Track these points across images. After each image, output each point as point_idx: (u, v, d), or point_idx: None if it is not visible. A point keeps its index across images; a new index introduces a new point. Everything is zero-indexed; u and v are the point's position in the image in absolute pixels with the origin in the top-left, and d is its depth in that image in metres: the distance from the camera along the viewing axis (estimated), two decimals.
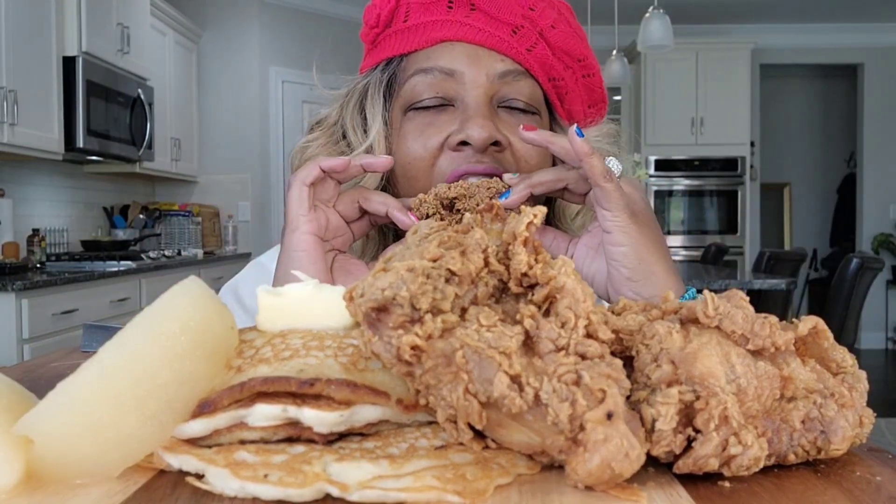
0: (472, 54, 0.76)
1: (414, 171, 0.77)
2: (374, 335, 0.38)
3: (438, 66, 0.76)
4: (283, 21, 5.34)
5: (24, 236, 3.57)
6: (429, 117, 0.77)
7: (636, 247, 0.64)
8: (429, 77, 0.76)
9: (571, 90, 0.82)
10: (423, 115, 0.77)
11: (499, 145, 0.75)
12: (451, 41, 0.77)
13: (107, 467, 0.38)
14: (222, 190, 5.26)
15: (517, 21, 0.76)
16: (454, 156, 0.75)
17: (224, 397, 0.40)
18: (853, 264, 3.21)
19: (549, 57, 0.78)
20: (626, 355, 0.43)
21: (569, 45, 0.79)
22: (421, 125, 0.77)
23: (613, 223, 0.64)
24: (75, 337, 2.95)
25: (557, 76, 0.79)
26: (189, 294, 0.42)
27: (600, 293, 0.68)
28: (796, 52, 6.59)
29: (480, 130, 0.72)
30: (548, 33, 0.78)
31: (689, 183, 6.29)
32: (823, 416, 0.41)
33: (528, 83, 0.78)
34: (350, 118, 0.82)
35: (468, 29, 0.76)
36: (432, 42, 0.77)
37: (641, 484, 0.38)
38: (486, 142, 0.73)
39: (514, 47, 0.76)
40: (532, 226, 0.45)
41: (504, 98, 0.77)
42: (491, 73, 0.76)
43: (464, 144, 0.74)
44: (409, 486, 0.35)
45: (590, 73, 0.82)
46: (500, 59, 0.76)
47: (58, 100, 3.42)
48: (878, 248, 6.52)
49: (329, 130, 0.84)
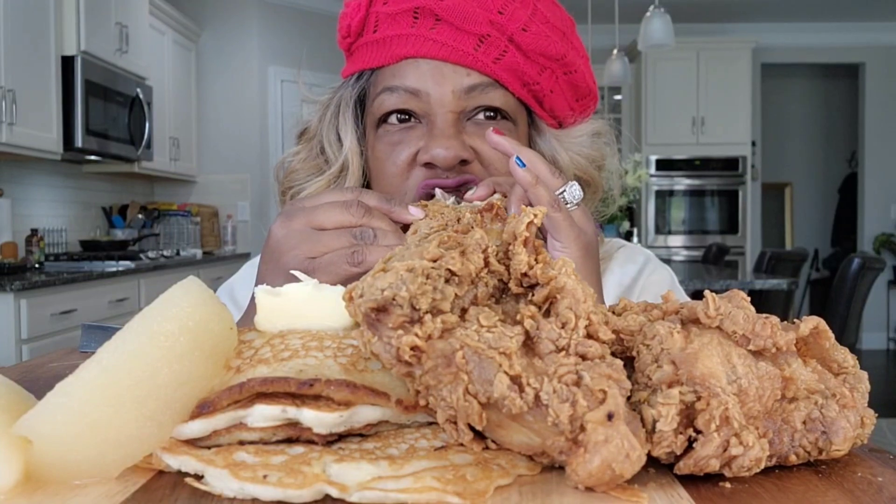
0: (436, 72, 0.75)
1: (387, 186, 0.78)
2: (373, 335, 0.38)
3: (403, 86, 0.76)
4: (283, 20, 5.33)
5: (22, 236, 3.57)
6: (397, 135, 0.77)
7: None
8: (394, 96, 0.76)
9: (552, 91, 0.79)
10: (392, 133, 0.77)
11: (466, 162, 0.74)
12: (415, 58, 0.75)
13: (106, 468, 0.38)
14: (221, 190, 5.26)
15: (483, 30, 0.74)
16: (423, 172, 0.75)
17: (223, 398, 0.40)
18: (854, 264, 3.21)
19: (520, 62, 0.76)
20: (626, 356, 0.43)
21: (543, 46, 0.76)
22: (390, 143, 0.77)
23: (563, 254, 0.64)
24: (74, 337, 2.95)
25: (532, 80, 0.77)
26: (188, 294, 0.42)
27: None
28: (797, 52, 6.59)
29: (445, 152, 0.72)
30: (519, 37, 0.75)
31: (689, 183, 6.29)
32: (825, 416, 0.41)
33: (497, 94, 0.76)
34: (326, 133, 0.83)
35: (431, 44, 0.75)
36: (397, 58, 0.76)
37: (642, 485, 0.38)
38: (452, 162, 0.73)
39: (479, 60, 0.74)
40: (532, 226, 0.45)
41: (474, 108, 0.76)
42: (457, 89, 0.75)
43: (430, 166, 0.74)
44: (408, 487, 0.35)
45: (571, 70, 0.80)
46: (466, 74, 0.75)
47: (56, 99, 3.42)
48: (879, 248, 6.52)
49: (308, 145, 0.85)
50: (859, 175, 6.78)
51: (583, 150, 0.81)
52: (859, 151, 6.79)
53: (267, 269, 0.68)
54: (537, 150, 0.81)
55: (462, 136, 0.75)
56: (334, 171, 0.82)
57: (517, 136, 0.78)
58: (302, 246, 0.65)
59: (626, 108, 6.62)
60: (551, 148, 0.81)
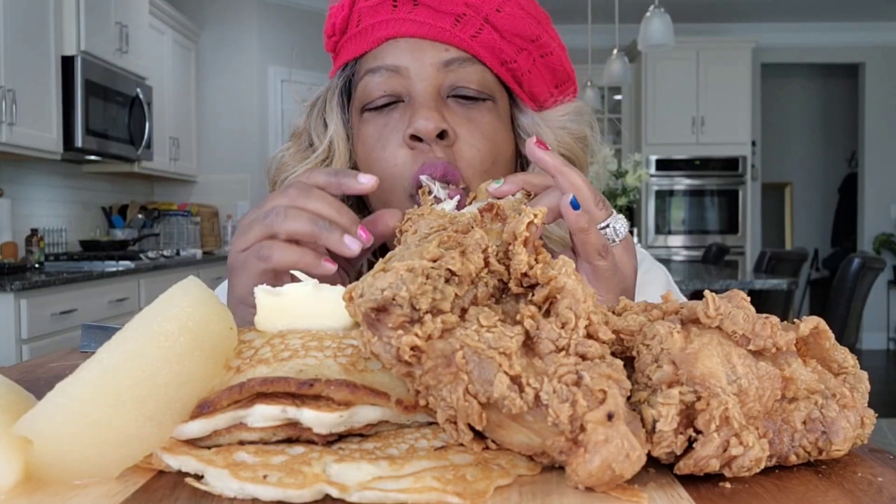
0: (415, 48, 0.77)
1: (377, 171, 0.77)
2: (373, 335, 0.38)
3: (385, 65, 0.77)
4: (282, 20, 5.33)
5: (22, 236, 3.57)
6: (382, 117, 0.78)
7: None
8: (377, 76, 0.78)
9: (530, 72, 0.80)
10: (378, 116, 0.78)
11: (446, 136, 0.75)
12: (395, 38, 0.78)
13: (106, 468, 0.38)
14: (221, 190, 5.26)
15: (459, 10, 0.77)
16: (410, 153, 0.75)
17: (223, 398, 0.40)
18: (854, 264, 3.21)
19: (497, 41, 0.77)
20: (626, 356, 0.43)
21: (518, 26, 0.78)
22: (377, 126, 0.78)
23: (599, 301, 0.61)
24: (74, 337, 2.95)
25: (510, 59, 0.78)
26: (188, 294, 0.42)
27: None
28: (797, 52, 6.59)
29: (426, 122, 0.73)
30: (493, 17, 0.77)
31: (689, 182, 6.29)
32: (825, 416, 0.41)
33: (475, 69, 0.77)
34: (314, 125, 0.84)
35: (410, 24, 0.77)
36: (379, 41, 0.78)
37: (642, 485, 0.38)
38: (434, 132, 0.73)
39: (456, 35, 0.76)
40: (532, 226, 0.44)
41: (453, 86, 0.77)
42: (435, 62, 0.76)
43: (415, 139, 0.75)
44: (408, 487, 0.35)
45: (547, 53, 0.81)
46: (445, 49, 0.77)
47: (56, 99, 3.43)
48: (879, 248, 6.52)
49: (298, 140, 0.86)
50: (859, 175, 6.78)
51: (566, 125, 0.82)
52: (859, 151, 6.79)
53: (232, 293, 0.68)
54: (520, 127, 0.82)
55: (443, 111, 0.76)
56: (320, 155, 0.83)
57: (497, 114, 0.79)
58: (235, 241, 0.65)
59: (626, 108, 6.62)
60: (534, 124, 0.81)
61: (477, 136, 0.76)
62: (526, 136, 0.81)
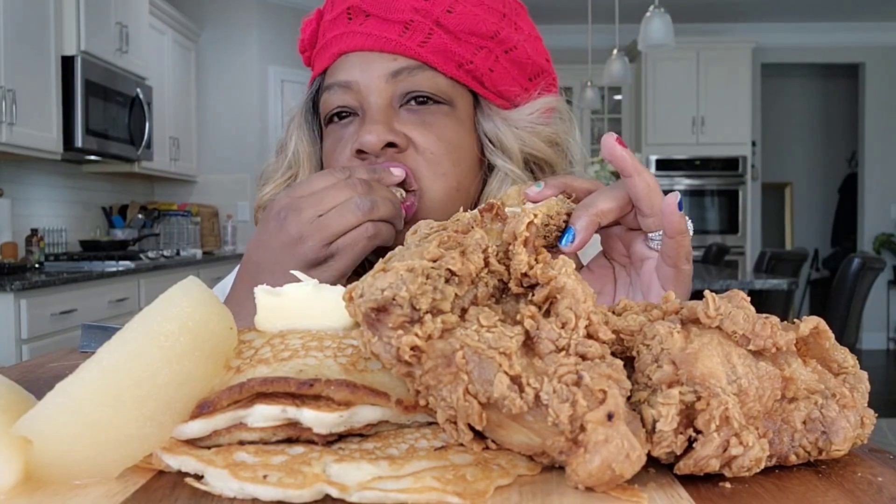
0: (364, 61, 0.77)
1: None
2: (373, 335, 0.38)
3: (337, 81, 0.78)
4: (282, 20, 5.33)
5: (22, 236, 3.57)
6: (339, 131, 0.79)
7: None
8: (332, 93, 0.79)
9: (492, 70, 0.78)
10: (336, 129, 0.80)
11: (396, 146, 0.75)
12: (346, 52, 0.78)
13: (106, 468, 0.38)
14: (221, 190, 5.26)
15: (407, 17, 0.76)
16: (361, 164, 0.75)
17: (223, 398, 0.40)
18: (854, 264, 3.21)
19: (449, 43, 0.76)
20: (626, 356, 0.43)
21: (472, 24, 0.76)
22: (334, 140, 0.79)
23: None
24: (74, 337, 2.95)
25: (465, 60, 0.77)
26: (188, 294, 0.42)
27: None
28: (797, 52, 6.59)
29: (369, 136, 0.73)
30: (444, 20, 0.76)
31: (689, 182, 6.29)
32: (825, 416, 0.41)
33: (426, 76, 0.76)
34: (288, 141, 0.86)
35: (360, 37, 0.77)
36: (334, 57, 0.79)
37: (642, 485, 0.38)
38: (378, 145, 0.73)
39: (403, 44, 0.76)
40: (532, 226, 0.44)
41: (404, 94, 0.76)
42: (383, 74, 0.76)
43: (361, 153, 0.75)
44: (408, 487, 0.35)
45: (511, 48, 0.79)
46: (393, 59, 0.76)
47: (56, 99, 3.43)
48: (879, 248, 6.52)
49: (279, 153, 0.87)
50: (859, 175, 6.78)
51: (534, 127, 0.79)
52: (859, 151, 6.79)
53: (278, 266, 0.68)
54: (480, 131, 0.80)
55: (392, 123, 0.75)
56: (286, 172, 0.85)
57: (456, 118, 0.78)
58: (315, 235, 0.67)
59: (626, 108, 6.62)
60: (495, 128, 0.79)
61: (431, 139, 0.75)
62: (488, 141, 0.79)
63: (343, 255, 0.68)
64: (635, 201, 0.57)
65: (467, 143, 0.78)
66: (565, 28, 5.97)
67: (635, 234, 0.61)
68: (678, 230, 0.55)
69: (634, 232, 0.61)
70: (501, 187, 0.78)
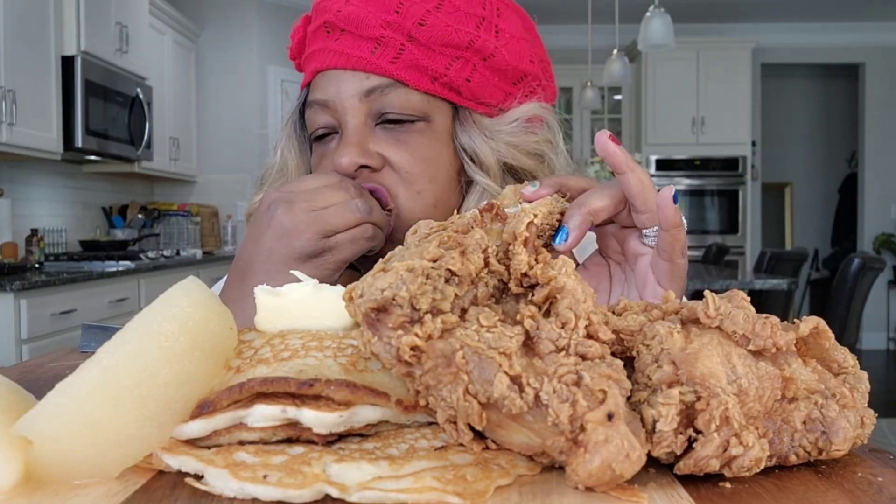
0: (339, 80, 0.76)
1: None
2: (373, 335, 0.38)
3: (316, 99, 0.78)
4: (282, 20, 5.33)
5: (22, 236, 3.57)
6: (321, 148, 0.80)
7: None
8: (312, 111, 0.79)
9: (469, 80, 0.76)
10: (319, 146, 0.81)
11: (371, 167, 0.75)
12: (323, 70, 0.78)
13: (106, 468, 0.38)
14: (221, 190, 5.26)
15: (378, 33, 0.75)
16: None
17: (223, 398, 0.40)
18: (854, 264, 3.21)
19: (422, 58, 0.75)
20: (626, 356, 0.43)
21: (444, 36, 0.75)
22: (318, 155, 0.80)
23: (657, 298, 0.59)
24: (74, 337, 2.95)
25: (440, 73, 0.75)
26: (188, 294, 0.42)
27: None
28: (797, 52, 6.59)
29: (341, 160, 0.74)
30: (416, 33, 0.74)
31: (689, 182, 6.29)
32: (825, 416, 0.41)
33: (398, 93, 0.75)
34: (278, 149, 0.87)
35: (333, 55, 0.77)
36: (312, 73, 0.80)
37: (642, 485, 0.38)
38: (350, 169, 0.74)
39: (374, 63, 0.75)
40: (532, 226, 0.45)
41: (379, 114, 0.76)
42: (356, 93, 0.75)
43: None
44: (408, 487, 0.35)
45: (489, 55, 0.77)
46: (365, 77, 0.75)
47: (56, 99, 3.42)
48: (879, 248, 6.52)
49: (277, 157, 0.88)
50: (859, 175, 6.78)
51: (513, 138, 0.78)
52: (859, 151, 6.79)
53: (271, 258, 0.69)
54: (457, 143, 0.78)
55: (367, 143, 0.75)
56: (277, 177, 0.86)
57: (432, 133, 0.77)
58: (311, 228, 0.68)
59: (626, 108, 6.62)
60: (470, 141, 0.78)
61: (406, 157, 0.75)
62: (465, 153, 0.78)
63: (340, 251, 0.69)
64: (629, 198, 0.58)
65: (444, 158, 0.78)
66: (565, 28, 5.97)
67: (629, 231, 0.61)
68: (674, 223, 0.56)
69: (628, 229, 0.61)
70: (480, 201, 0.77)
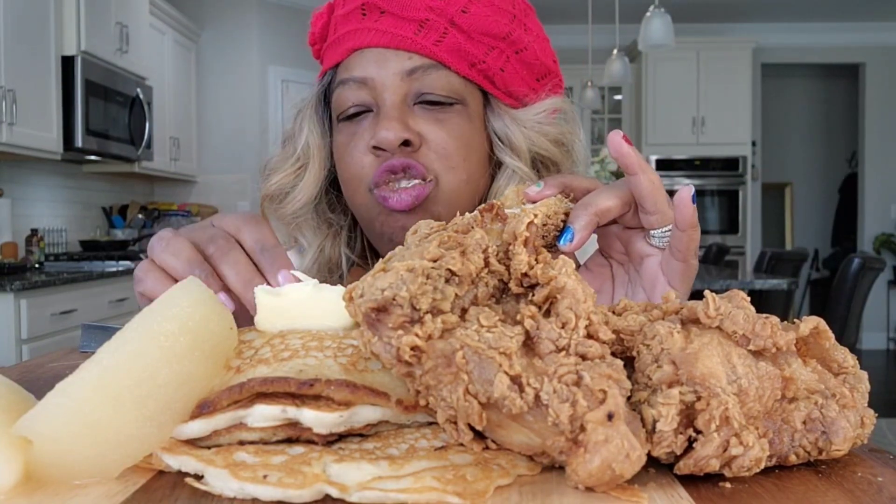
0: (380, 58, 0.77)
1: (345, 174, 0.80)
2: (373, 335, 0.38)
3: (352, 77, 0.78)
4: (283, 20, 5.33)
5: (22, 236, 3.57)
6: (353, 126, 0.79)
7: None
8: (346, 88, 0.79)
9: (503, 70, 0.80)
10: (349, 125, 0.80)
11: (410, 144, 0.75)
12: (361, 49, 0.78)
13: (106, 468, 0.38)
14: (221, 190, 5.26)
15: (423, 15, 0.77)
16: (375, 159, 0.76)
17: (223, 398, 0.40)
18: (854, 264, 3.21)
19: (463, 43, 0.77)
20: (626, 356, 0.43)
21: (486, 25, 0.78)
22: (348, 135, 0.80)
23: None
24: (74, 337, 2.95)
25: (478, 60, 0.78)
26: (188, 294, 0.42)
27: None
28: (797, 52, 6.59)
29: (387, 133, 0.74)
30: (459, 19, 0.77)
31: (690, 182, 6.28)
32: (825, 416, 0.41)
33: (440, 75, 0.77)
34: (296, 131, 0.86)
35: (375, 34, 0.77)
36: (347, 52, 0.80)
37: (642, 485, 0.38)
38: (395, 143, 0.74)
39: (419, 43, 0.76)
40: (532, 226, 0.45)
41: (418, 94, 0.77)
42: (399, 72, 0.76)
43: (378, 149, 0.75)
44: (408, 487, 0.35)
45: (521, 48, 0.80)
46: (408, 57, 0.77)
47: (56, 99, 3.42)
48: (879, 248, 6.52)
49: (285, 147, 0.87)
50: (859, 175, 6.78)
51: (542, 127, 0.81)
52: (859, 151, 6.79)
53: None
54: (490, 129, 0.81)
55: (407, 120, 0.76)
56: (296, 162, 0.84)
57: (467, 116, 0.79)
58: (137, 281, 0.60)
59: (626, 108, 6.62)
60: (504, 127, 0.81)
61: (444, 137, 0.76)
62: (497, 139, 0.81)
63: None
64: (639, 199, 0.57)
65: (477, 141, 0.80)
66: (565, 28, 5.97)
67: (634, 231, 0.61)
68: (690, 224, 0.55)
69: (633, 230, 0.61)
70: (509, 184, 0.80)
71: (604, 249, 0.65)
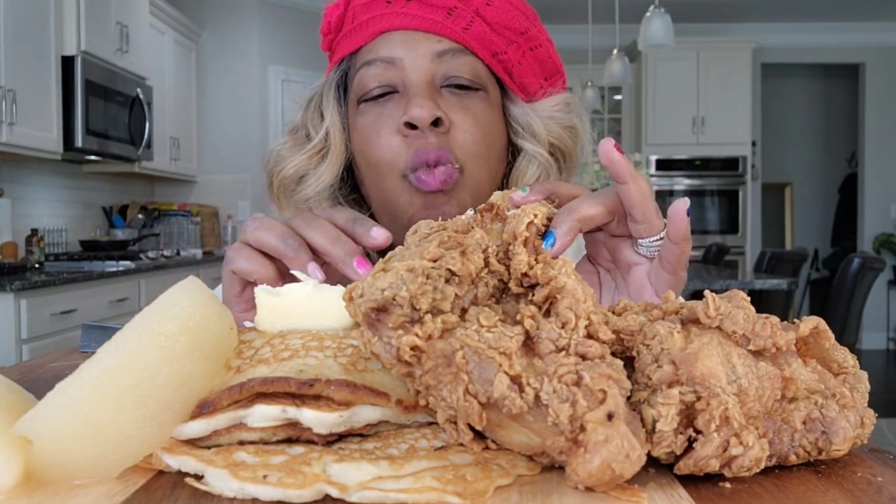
0: (409, 40, 0.79)
1: (372, 157, 0.79)
2: (373, 335, 0.38)
3: (380, 57, 0.79)
4: (283, 20, 5.33)
5: (22, 236, 3.57)
6: (378, 107, 0.80)
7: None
8: (372, 68, 0.80)
9: (519, 64, 0.83)
10: (374, 107, 0.80)
11: (441, 124, 0.76)
12: (389, 31, 0.80)
13: (106, 468, 0.38)
14: (221, 190, 5.26)
15: (451, 3, 0.79)
16: (404, 140, 0.77)
17: (223, 398, 0.40)
18: (854, 264, 3.21)
19: (487, 33, 0.80)
20: (626, 356, 0.43)
21: (507, 19, 0.81)
22: (373, 116, 0.80)
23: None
24: (74, 337, 2.95)
25: (500, 51, 0.81)
26: (188, 294, 0.42)
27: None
28: (797, 52, 6.59)
29: (420, 110, 0.75)
30: (483, 11, 0.80)
31: (690, 182, 6.29)
32: (825, 416, 0.41)
33: (467, 60, 0.79)
34: (311, 119, 0.86)
35: (404, 17, 0.79)
36: (374, 35, 0.81)
37: (642, 485, 0.38)
38: (428, 119, 0.75)
39: (448, 27, 0.79)
40: (532, 226, 0.45)
41: (446, 77, 0.79)
42: (429, 53, 0.78)
43: (410, 126, 0.76)
44: (408, 487, 0.35)
45: (536, 45, 0.84)
46: (438, 41, 0.79)
47: (56, 99, 3.42)
48: (879, 248, 6.52)
49: (295, 135, 0.87)
50: (859, 175, 6.78)
51: (555, 114, 0.84)
52: (859, 151, 6.79)
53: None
54: (511, 118, 0.84)
55: (437, 99, 0.77)
56: (317, 145, 0.84)
57: (490, 103, 0.81)
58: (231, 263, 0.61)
59: (626, 108, 6.62)
60: (525, 114, 0.83)
61: (471, 122, 0.78)
62: (517, 126, 0.83)
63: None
64: (628, 208, 0.57)
65: (498, 130, 0.82)
66: (565, 28, 5.97)
67: (620, 240, 0.61)
68: (683, 237, 0.55)
69: (619, 238, 0.61)
70: (528, 168, 0.83)
71: (591, 256, 0.65)
